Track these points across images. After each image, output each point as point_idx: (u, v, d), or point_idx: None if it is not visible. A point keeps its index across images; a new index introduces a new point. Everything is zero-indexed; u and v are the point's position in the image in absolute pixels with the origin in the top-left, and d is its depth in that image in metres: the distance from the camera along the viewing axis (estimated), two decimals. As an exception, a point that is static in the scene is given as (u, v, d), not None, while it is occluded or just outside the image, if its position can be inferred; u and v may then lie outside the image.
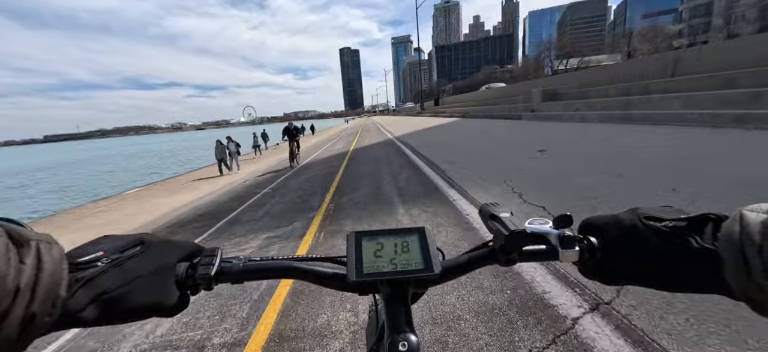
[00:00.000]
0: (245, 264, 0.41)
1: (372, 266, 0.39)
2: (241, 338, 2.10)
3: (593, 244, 0.38)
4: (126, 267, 0.32)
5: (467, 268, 0.43)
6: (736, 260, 0.26)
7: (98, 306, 0.29)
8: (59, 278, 0.26)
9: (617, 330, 1.74)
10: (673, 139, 6.72)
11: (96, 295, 0.29)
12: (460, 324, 1.95)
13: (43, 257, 0.25)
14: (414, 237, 0.42)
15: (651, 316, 1.80)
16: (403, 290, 0.40)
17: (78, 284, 0.28)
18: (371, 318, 0.66)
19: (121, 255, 0.33)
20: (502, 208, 0.45)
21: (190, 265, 0.38)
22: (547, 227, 0.40)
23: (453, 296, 2.21)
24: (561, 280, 2.26)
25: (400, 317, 0.37)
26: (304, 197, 5.99)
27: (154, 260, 0.35)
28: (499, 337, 1.81)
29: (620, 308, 1.90)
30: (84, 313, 0.28)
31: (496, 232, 0.41)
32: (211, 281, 0.38)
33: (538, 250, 0.41)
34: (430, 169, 6.94)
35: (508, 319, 1.95)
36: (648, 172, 4.63)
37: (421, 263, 0.40)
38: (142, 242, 0.35)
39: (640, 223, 0.35)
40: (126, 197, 9.67)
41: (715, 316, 1.73)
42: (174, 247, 0.38)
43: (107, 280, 0.30)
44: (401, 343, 0.34)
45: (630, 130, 8.59)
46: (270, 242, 3.89)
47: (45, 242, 0.26)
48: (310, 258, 0.43)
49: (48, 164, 43.25)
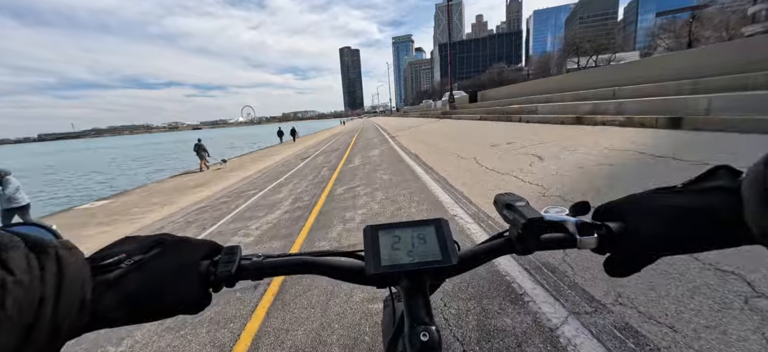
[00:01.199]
0: (264, 260, 0.41)
1: (390, 259, 0.40)
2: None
3: (612, 229, 0.38)
4: (149, 267, 0.33)
5: (484, 258, 0.43)
6: (760, 198, 0.26)
7: (126, 307, 0.30)
8: (83, 282, 0.26)
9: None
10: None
11: (123, 296, 0.30)
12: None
13: (64, 262, 0.25)
14: (430, 229, 0.42)
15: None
16: (422, 282, 0.40)
17: (103, 286, 0.29)
18: (387, 311, 0.65)
19: (144, 256, 0.33)
20: (518, 197, 0.43)
21: (211, 263, 0.39)
22: (564, 214, 0.41)
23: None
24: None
25: (420, 309, 0.38)
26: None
27: (175, 259, 0.35)
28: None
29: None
30: (112, 315, 0.29)
31: (513, 221, 0.40)
32: (233, 278, 0.38)
33: (556, 238, 0.40)
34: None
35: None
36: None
37: (438, 254, 0.40)
38: (162, 242, 0.36)
39: (654, 193, 0.37)
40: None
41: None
42: (194, 246, 0.39)
43: (132, 281, 0.31)
44: (422, 334, 0.34)
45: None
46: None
47: (65, 247, 0.26)
48: (328, 253, 0.44)
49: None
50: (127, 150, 59.14)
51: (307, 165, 10.82)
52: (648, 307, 1.74)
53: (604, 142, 5.99)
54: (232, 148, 31.35)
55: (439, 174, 5.97)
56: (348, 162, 9.62)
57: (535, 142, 7.33)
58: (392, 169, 7.38)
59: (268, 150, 21.95)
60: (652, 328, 1.60)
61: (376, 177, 6.75)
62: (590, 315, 1.75)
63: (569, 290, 1.99)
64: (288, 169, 10.48)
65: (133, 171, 22.33)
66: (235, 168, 14.23)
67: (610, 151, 5.24)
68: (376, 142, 14.54)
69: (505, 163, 5.76)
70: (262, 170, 12.15)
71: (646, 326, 1.61)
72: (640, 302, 1.77)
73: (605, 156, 4.96)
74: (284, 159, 14.71)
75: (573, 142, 6.44)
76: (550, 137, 7.55)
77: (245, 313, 2.32)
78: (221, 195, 8.06)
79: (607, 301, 1.84)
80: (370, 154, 10.66)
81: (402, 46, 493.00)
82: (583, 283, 2.03)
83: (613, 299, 1.84)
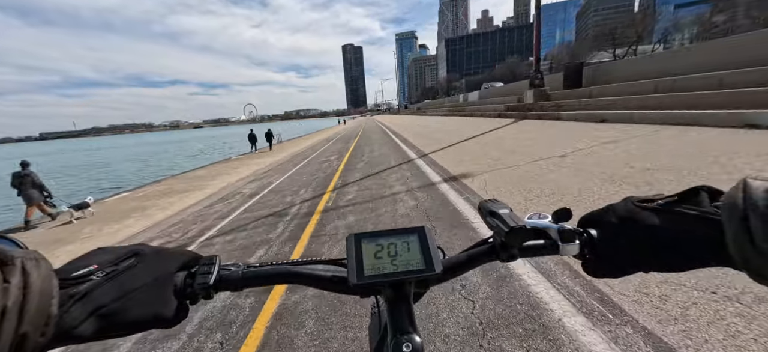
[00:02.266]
0: (244, 271, 0.40)
1: (373, 268, 0.39)
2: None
3: (593, 236, 0.39)
4: (122, 280, 0.31)
5: (468, 266, 0.43)
6: (739, 226, 0.26)
7: (95, 321, 0.28)
8: (49, 295, 0.25)
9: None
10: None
11: (93, 309, 0.28)
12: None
13: (29, 274, 0.24)
14: (414, 237, 0.42)
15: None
16: (405, 291, 0.40)
17: (72, 299, 0.28)
18: (374, 319, 0.65)
19: (116, 268, 0.32)
20: (501, 204, 0.44)
21: (188, 274, 0.37)
22: (547, 221, 0.41)
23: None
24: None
25: (402, 318, 0.37)
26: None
27: (150, 271, 0.34)
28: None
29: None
30: (80, 329, 0.28)
31: (496, 228, 0.40)
32: (211, 290, 0.37)
33: (539, 245, 0.41)
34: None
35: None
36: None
37: (421, 263, 0.39)
38: (137, 254, 0.34)
39: (634, 206, 0.36)
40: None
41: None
42: (170, 256, 0.37)
43: (103, 294, 0.30)
44: (405, 344, 0.34)
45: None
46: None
47: (31, 258, 0.25)
48: (310, 261, 0.43)
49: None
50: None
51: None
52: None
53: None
54: (172, 167, 20.68)
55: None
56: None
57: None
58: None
59: (208, 171, 13.97)
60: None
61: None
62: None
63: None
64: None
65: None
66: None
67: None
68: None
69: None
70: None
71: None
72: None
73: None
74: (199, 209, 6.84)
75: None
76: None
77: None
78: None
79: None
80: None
81: (405, 43, 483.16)
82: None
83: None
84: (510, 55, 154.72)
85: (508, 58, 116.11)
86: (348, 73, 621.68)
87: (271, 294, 2.62)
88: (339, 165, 9.73)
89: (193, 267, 0.38)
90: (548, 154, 6.48)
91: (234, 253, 3.79)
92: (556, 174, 5.01)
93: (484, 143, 9.60)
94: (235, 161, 16.22)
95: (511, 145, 8.43)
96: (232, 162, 16.09)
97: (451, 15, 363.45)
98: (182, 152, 33.37)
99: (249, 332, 2.21)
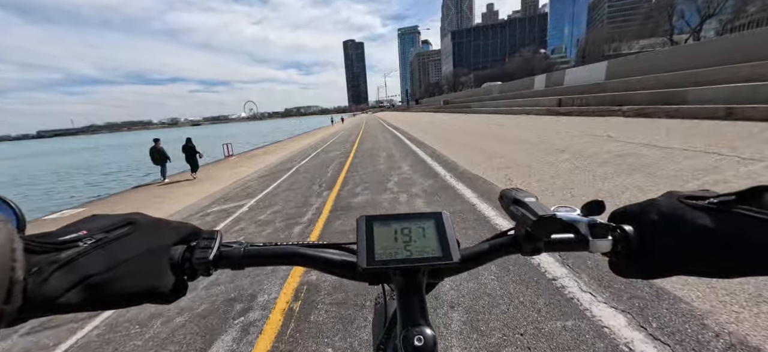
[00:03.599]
0: (246, 249, 0.38)
1: (384, 253, 0.36)
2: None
3: (627, 233, 0.35)
4: (112, 248, 0.30)
5: (488, 256, 0.40)
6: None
7: (82, 291, 0.27)
8: (8, 260, 0.23)
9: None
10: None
11: (78, 279, 0.27)
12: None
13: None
14: (430, 222, 0.39)
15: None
16: (418, 280, 0.37)
17: (53, 266, 0.26)
18: (378, 310, 0.61)
19: (107, 235, 0.30)
20: (526, 192, 0.39)
21: (187, 248, 0.35)
22: (576, 213, 0.38)
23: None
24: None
25: (414, 309, 0.34)
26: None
27: (145, 241, 0.32)
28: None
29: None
30: (64, 298, 0.26)
31: (521, 217, 0.36)
32: (210, 266, 0.35)
33: (567, 239, 0.38)
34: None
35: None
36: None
37: (438, 251, 0.36)
38: (132, 222, 0.32)
39: (681, 204, 0.33)
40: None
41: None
42: (168, 228, 0.35)
43: (90, 262, 0.28)
44: (416, 337, 0.31)
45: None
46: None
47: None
48: (318, 244, 0.40)
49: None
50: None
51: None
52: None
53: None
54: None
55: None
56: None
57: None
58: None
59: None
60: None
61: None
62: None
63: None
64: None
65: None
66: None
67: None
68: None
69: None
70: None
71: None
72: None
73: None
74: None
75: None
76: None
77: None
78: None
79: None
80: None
81: (408, 38, 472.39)
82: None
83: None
84: (521, 47, 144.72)
85: (519, 51, 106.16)
86: (349, 70, 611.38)
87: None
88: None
89: (193, 241, 0.36)
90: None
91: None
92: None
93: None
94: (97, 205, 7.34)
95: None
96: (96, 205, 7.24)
97: (455, 9, 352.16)
98: (88, 168, 24.20)
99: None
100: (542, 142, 7.17)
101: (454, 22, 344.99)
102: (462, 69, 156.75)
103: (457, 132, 12.18)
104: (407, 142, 11.31)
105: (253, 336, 1.92)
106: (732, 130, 5.44)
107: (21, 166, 33.69)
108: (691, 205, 0.32)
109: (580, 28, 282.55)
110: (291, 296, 2.29)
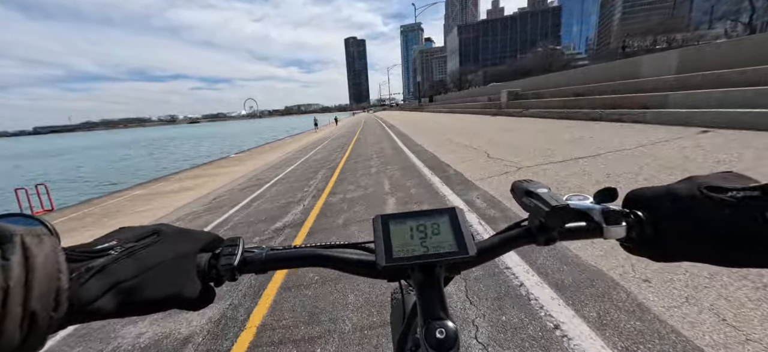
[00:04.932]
0: (268, 253, 0.39)
1: (402, 250, 0.37)
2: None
3: (642, 219, 0.35)
4: (141, 256, 0.31)
5: (503, 248, 0.40)
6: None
7: (114, 297, 0.28)
8: (55, 270, 0.24)
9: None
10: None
11: (111, 285, 0.28)
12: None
13: (30, 250, 0.23)
14: (444, 218, 0.40)
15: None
16: (436, 274, 0.37)
17: (88, 273, 0.27)
18: (396, 306, 0.62)
19: (136, 244, 0.31)
20: (539, 183, 0.40)
21: (212, 255, 0.37)
22: (589, 202, 0.38)
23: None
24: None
25: (434, 303, 0.35)
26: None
27: (171, 249, 0.33)
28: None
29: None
30: (98, 303, 0.27)
31: (534, 208, 0.37)
32: (235, 272, 0.36)
33: (581, 227, 0.38)
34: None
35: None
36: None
37: (454, 245, 0.37)
38: (158, 232, 0.34)
39: (700, 194, 0.32)
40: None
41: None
42: (192, 237, 0.37)
43: (121, 269, 0.29)
44: (438, 330, 0.32)
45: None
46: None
47: (34, 235, 0.24)
48: (336, 245, 0.41)
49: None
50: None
51: None
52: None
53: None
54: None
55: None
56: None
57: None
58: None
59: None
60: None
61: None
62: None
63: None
64: None
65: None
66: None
67: None
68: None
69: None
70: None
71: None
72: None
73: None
74: None
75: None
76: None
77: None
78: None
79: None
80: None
81: (411, 35, 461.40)
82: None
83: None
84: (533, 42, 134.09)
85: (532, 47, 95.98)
86: (350, 68, 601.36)
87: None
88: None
89: (217, 249, 0.38)
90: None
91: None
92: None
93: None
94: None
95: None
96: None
97: (460, 4, 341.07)
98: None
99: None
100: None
101: (458, 18, 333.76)
102: (469, 66, 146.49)
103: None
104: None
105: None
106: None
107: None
108: (713, 197, 0.31)
109: (589, 27, 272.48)
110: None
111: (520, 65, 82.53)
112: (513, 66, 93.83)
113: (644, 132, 6.53)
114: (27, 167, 28.70)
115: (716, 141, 5.03)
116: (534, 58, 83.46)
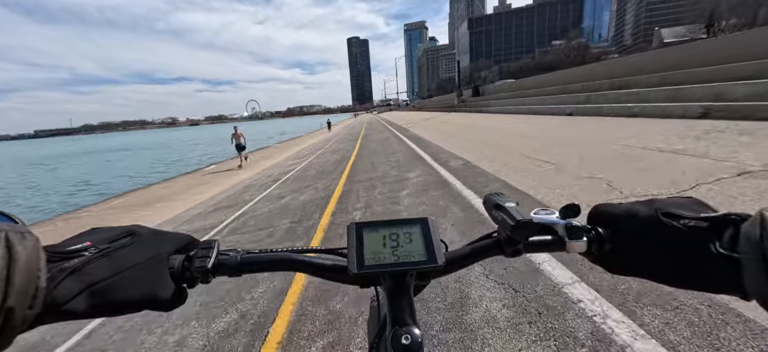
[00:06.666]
0: (243, 257, 0.40)
1: (373, 258, 0.38)
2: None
3: (601, 235, 0.37)
4: (115, 257, 0.31)
5: (471, 259, 0.42)
6: (756, 262, 0.25)
7: (87, 297, 0.28)
8: (36, 268, 0.24)
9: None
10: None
11: (85, 285, 0.28)
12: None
13: (13, 247, 0.23)
14: (416, 228, 0.41)
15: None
16: (406, 282, 0.39)
17: (63, 273, 0.27)
18: (373, 311, 0.65)
19: (110, 245, 0.31)
20: (507, 198, 0.41)
21: (186, 257, 0.37)
22: (554, 216, 0.39)
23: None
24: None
25: (402, 310, 0.36)
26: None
27: (145, 250, 0.33)
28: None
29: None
30: (71, 304, 0.27)
31: (502, 222, 0.39)
32: (209, 274, 0.36)
33: (545, 240, 0.40)
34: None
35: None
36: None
37: (424, 255, 0.38)
38: (133, 233, 0.34)
39: (658, 217, 0.33)
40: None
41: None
42: (167, 238, 0.37)
43: (96, 269, 0.29)
44: (404, 336, 0.33)
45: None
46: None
47: (16, 232, 0.24)
48: (311, 250, 0.42)
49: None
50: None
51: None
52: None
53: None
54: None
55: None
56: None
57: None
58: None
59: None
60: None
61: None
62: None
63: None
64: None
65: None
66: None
67: None
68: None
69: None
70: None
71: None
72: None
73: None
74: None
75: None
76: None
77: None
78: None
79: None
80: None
81: (415, 34, 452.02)
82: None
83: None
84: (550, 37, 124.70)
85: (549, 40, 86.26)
86: (353, 68, 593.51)
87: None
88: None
89: (191, 250, 0.38)
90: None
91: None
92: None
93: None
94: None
95: None
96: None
97: (465, 1, 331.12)
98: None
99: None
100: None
101: (464, 14, 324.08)
102: (481, 62, 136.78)
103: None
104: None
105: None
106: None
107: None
108: (667, 223, 0.32)
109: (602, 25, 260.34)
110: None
111: (546, 60, 73.32)
112: (533, 60, 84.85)
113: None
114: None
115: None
116: (556, 53, 74.46)
